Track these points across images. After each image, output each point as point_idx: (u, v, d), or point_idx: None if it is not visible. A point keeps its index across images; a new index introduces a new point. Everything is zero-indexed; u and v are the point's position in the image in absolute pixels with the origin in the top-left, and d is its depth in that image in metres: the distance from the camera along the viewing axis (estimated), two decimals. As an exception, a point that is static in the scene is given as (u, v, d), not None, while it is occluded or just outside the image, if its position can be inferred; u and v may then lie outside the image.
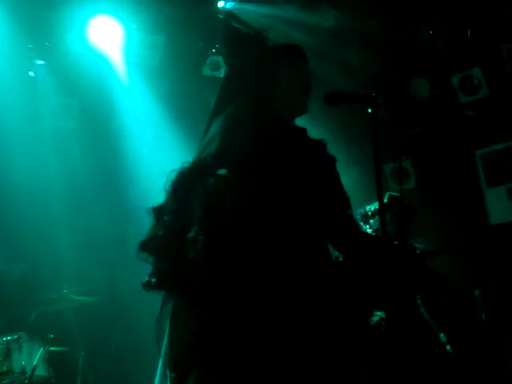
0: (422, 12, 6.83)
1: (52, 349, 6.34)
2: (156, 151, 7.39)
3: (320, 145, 2.56)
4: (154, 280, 2.40)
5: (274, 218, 2.30)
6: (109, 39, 6.84)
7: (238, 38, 2.63)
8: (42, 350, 6.16)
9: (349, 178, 2.78)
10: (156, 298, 2.54)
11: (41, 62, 7.49)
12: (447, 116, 7.52)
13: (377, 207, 4.49)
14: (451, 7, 6.74)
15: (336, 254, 2.61)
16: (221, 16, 6.82)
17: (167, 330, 2.42)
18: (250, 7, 6.71)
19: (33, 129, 7.36)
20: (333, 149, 2.69)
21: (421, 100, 7.40)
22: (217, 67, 7.02)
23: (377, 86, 6.97)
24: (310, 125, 2.77)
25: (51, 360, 6.30)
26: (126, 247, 6.76)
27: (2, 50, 6.72)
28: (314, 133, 2.67)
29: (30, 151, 7.31)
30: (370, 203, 5.03)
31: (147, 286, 2.41)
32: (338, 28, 6.97)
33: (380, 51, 7.06)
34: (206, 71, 7.17)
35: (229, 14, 6.80)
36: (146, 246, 2.43)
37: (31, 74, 7.51)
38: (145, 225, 2.54)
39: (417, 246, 4.66)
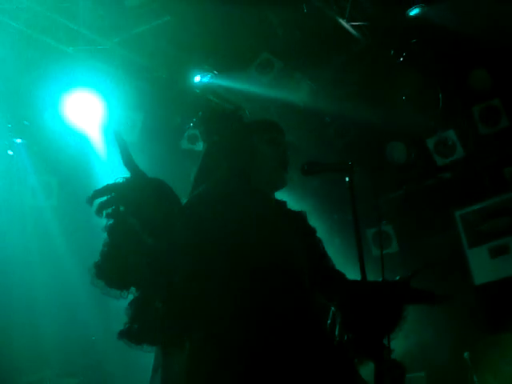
0: (394, 79, 6.99)
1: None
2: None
3: (300, 216, 2.59)
4: (134, 326, 2.21)
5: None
6: (87, 115, 6.90)
7: (216, 116, 2.68)
8: None
9: (331, 245, 2.79)
10: (146, 375, 2.43)
11: (19, 141, 7.53)
12: (425, 179, 7.63)
13: None
14: (421, 73, 6.92)
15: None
16: (197, 91, 6.94)
17: None
18: (225, 81, 6.84)
19: (12, 207, 7.33)
20: (314, 218, 2.71)
21: (398, 164, 7.51)
22: (195, 140, 7.11)
23: (353, 152, 7.08)
24: (290, 195, 2.80)
25: None
26: (109, 324, 6.65)
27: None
28: (293, 203, 2.70)
29: (10, 230, 7.25)
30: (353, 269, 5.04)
31: (124, 335, 2.21)
32: (312, 98, 7.10)
33: (355, 118, 7.19)
34: (185, 145, 7.25)
35: (206, 89, 6.92)
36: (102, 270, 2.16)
37: (10, 152, 7.53)
38: (127, 301, 2.44)
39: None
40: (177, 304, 2.23)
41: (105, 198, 2.11)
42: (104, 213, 2.11)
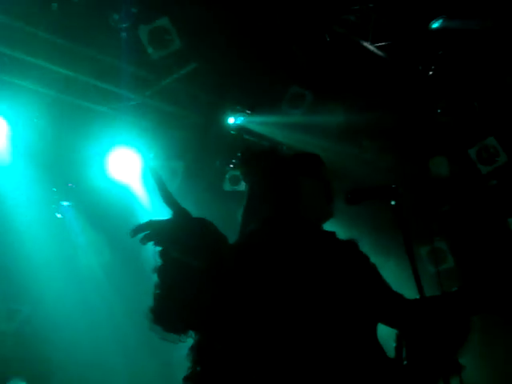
0: (428, 93, 6.95)
1: None
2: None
3: (351, 245, 2.57)
4: (197, 369, 2.23)
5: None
6: (129, 170, 7.00)
7: (254, 155, 2.68)
8: None
9: (387, 268, 2.76)
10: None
11: (66, 203, 7.69)
12: (472, 189, 7.52)
13: None
14: (453, 83, 6.87)
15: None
16: (233, 132, 7.01)
17: None
18: (259, 118, 6.89)
19: (66, 269, 7.46)
20: (365, 243, 2.69)
21: (443, 178, 7.42)
22: (237, 181, 7.15)
23: (396, 173, 7.02)
24: (338, 224, 2.79)
25: None
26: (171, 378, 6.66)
27: (28, 196, 6.92)
28: (342, 232, 2.68)
29: (67, 292, 7.38)
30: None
31: (188, 380, 2.24)
32: (348, 123, 7.09)
33: (393, 138, 7.15)
34: (227, 187, 7.29)
35: (241, 129, 6.99)
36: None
37: (59, 216, 7.70)
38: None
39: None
40: (235, 345, 2.22)
41: (147, 232, 2.08)
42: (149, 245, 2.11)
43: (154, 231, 2.06)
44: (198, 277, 2.08)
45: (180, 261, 2.08)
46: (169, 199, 2.11)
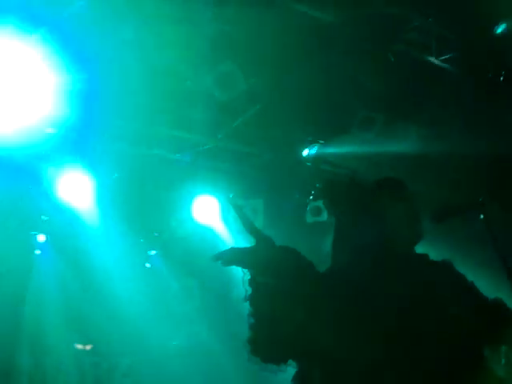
0: (500, 101, 6.78)
1: None
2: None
3: (446, 266, 2.54)
4: None
5: None
6: (210, 215, 7.13)
7: (337, 185, 2.70)
8: None
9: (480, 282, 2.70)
10: None
11: (153, 252, 7.87)
12: None
13: None
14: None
15: None
16: (309, 163, 7.03)
17: None
18: (332, 147, 6.89)
19: (160, 317, 7.59)
20: (459, 261, 2.65)
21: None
22: (318, 212, 7.15)
23: (483, 186, 6.82)
24: (428, 245, 2.75)
25: None
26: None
27: (120, 250, 7.12)
28: (435, 253, 2.64)
29: (164, 339, 7.50)
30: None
31: None
32: (422, 141, 6.99)
33: (472, 151, 6.95)
34: (309, 218, 7.29)
35: (316, 160, 7.00)
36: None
37: (148, 265, 7.88)
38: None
39: None
40: (337, 371, 2.17)
41: (230, 259, 2.12)
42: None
43: (236, 256, 2.11)
44: (288, 301, 2.09)
45: (268, 285, 2.09)
46: (252, 229, 2.15)
